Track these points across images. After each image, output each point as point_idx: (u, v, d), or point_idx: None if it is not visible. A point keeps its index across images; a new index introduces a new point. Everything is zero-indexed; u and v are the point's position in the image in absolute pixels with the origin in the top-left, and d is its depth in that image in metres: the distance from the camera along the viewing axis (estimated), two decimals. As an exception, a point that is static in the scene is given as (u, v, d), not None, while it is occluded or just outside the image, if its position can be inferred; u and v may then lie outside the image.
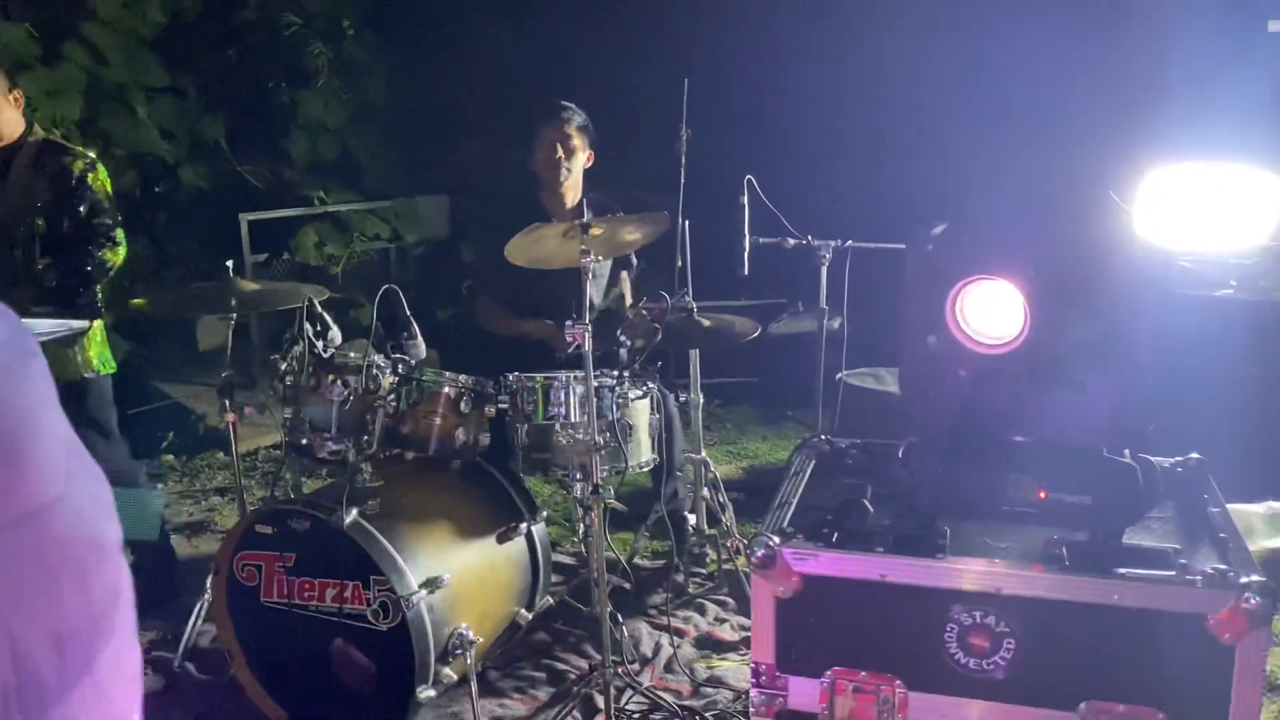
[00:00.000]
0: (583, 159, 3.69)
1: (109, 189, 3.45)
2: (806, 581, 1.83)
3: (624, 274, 3.94)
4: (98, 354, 3.46)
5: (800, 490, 2.13)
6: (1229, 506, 2.08)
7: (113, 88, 6.04)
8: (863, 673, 1.83)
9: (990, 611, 1.76)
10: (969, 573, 1.77)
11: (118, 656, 0.53)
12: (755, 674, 1.88)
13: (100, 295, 3.51)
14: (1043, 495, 1.90)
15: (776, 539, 1.85)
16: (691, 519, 3.77)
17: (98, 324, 3.46)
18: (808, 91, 5.55)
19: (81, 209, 3.36)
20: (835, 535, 1.87)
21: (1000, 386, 1.90)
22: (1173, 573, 1.72)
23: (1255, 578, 1.67)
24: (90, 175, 3.38)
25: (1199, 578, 1.69)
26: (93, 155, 3.45)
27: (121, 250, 3.46)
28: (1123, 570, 1.72)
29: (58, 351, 3.37)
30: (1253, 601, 1.64)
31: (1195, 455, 2.21)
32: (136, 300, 3.36)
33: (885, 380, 4.66)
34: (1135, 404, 1.93)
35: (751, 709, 1.90)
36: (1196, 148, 4.11)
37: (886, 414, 4.47)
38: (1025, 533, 1.89)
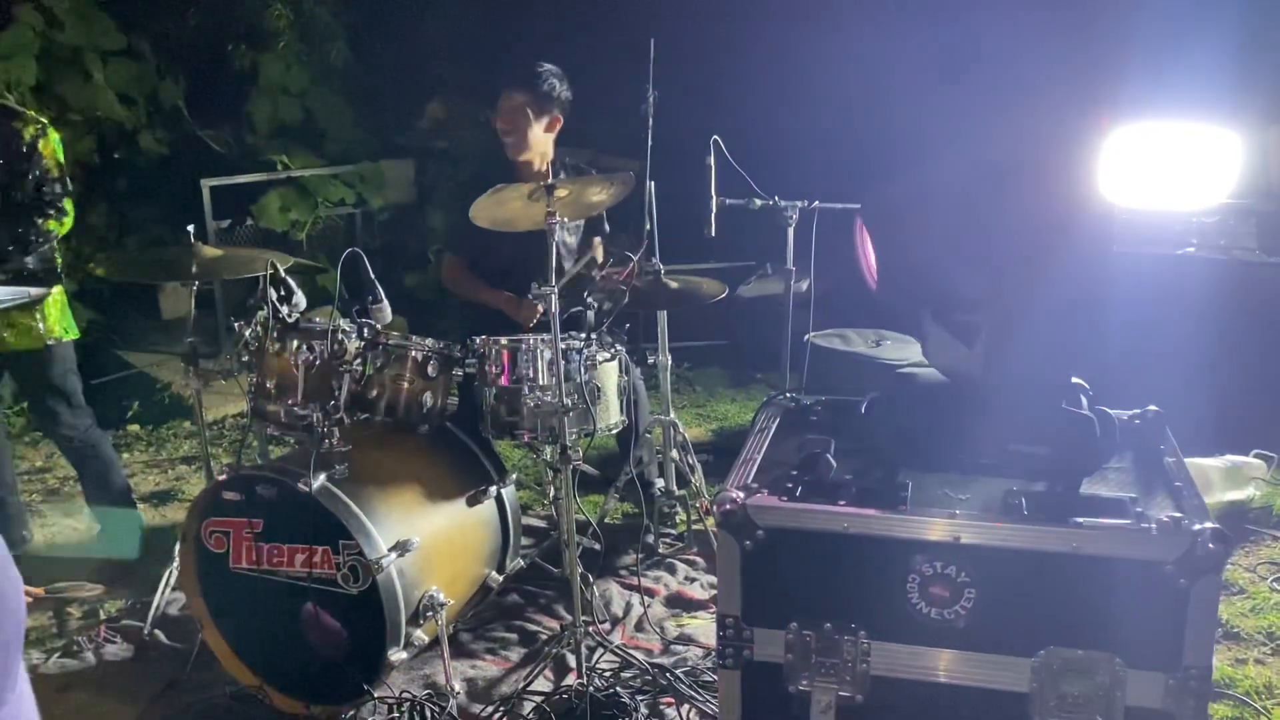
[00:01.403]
0: (539, 128, 3.63)
1: (59, 156, 3.37)
2: (771, 534, 1.85)
3: (596, 240, 3.92)
4: (59, 320, 3.42)
5: (765, 446, 2.14)
6: (1187, 460, 2.12)
7: (67, 51, 5.92)
8: (827, 623, 1.86)
9: (951, 562, 1.79)
10: (930, 524, 1.79)
11: None
12: (721, 626, 1.91)
13: (59, 261, 3.45)
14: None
15: (741, 493, 1.87)
16: (659, 483, 3.79)
17: (58, 290, 3.41)
18: (773, 51, 5.52)
19: (30, 176, 3.28)
20: (799, 489, 1.89)
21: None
22: (1129, 521, 1.76)
23: (1209, 524, 1.70)
24: (41, 141, 3.30)
25: (1154, 525, 1.73)
26: (44, 120, 3.37)
27: (68, 220, 3.39)
28: (1080, 519, 1.75)
29: (19, 319, 3.33)
30: (1206, 547, 1.68)
31: (1153, 407, 2.24)
32: (93, 265, 3.30)
33: (852, 341, 4.69)
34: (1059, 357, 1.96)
35: (718, 660, 1.93)
36: (1159, 107, 4.14)
37: (854, 375, 4.51)
38: (985, 484, 1.92)
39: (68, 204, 3.38)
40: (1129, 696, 1.76)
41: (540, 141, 3.65)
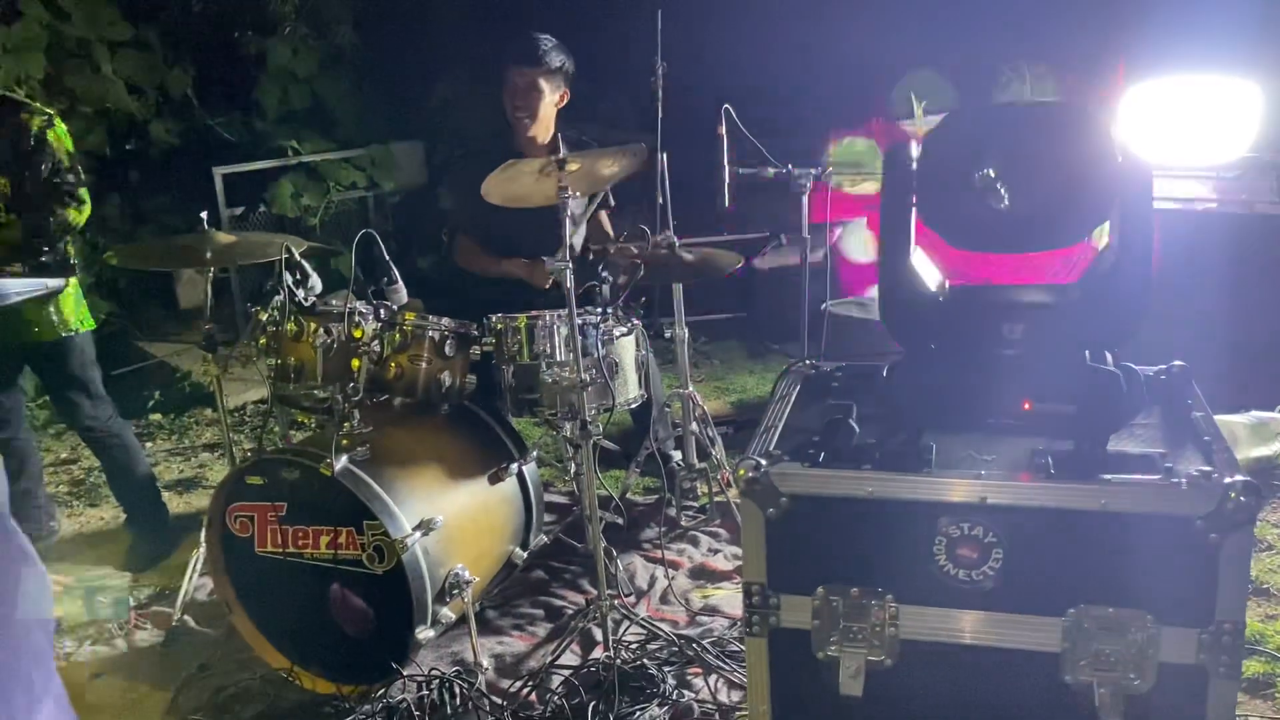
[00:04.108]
0: (551, 101, 3.64)
1: (69, 145, 3.37)
2: (795, 501, 1.84)
3: (603, 213, 3.91)
4: (74, 312, 3.43)
5: (786, 414, 2.12)
6: (1213, 417, 2.08)
7: (75, 43, 5.92)
8: (854, 588, 1.85)
9: (978, 523, 1.77)
10: (956, 485, 1.77)
11: None
12: (747, 594, 1.90)
13: (72, 253, 3.46)
14: (1027, 406, 1.91)
15: (764, 461, 1.86)
16: (676, 455, 3.79)
17: (72, 282, 3.42)
18: (784, 18, 5.47)
19: (44, 168, 3.29)
20: (822, 455, 1.87)
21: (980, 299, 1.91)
22: (1158, 476, 1.73)
23: (1240, 478, 1.68)
24: (49, 132, 3.30)
25: (1184, 480, 1.70)
26: (50, 111, 3.37)
27: (86, 209, 3.40)
28: (1108, 476, 1.73)
29: (35, 312, 3.34)
30: (1238, 500, 1.66)
31: (1178, 362, 2.21)
32: (109, 255, 3.28)
33: (870, 309, 4.65)
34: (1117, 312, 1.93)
35: (745, 628, 1.92)
36: (1178, 61, 4.08)
37: (872, 342, 4.49)
38: (1011, 444, 1.89)
39: (84, 193, 3.38)
40: (1162, 653, 1.74)
41: (549, 116, 3.64)
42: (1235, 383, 3.56)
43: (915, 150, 1.98)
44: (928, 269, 2.04)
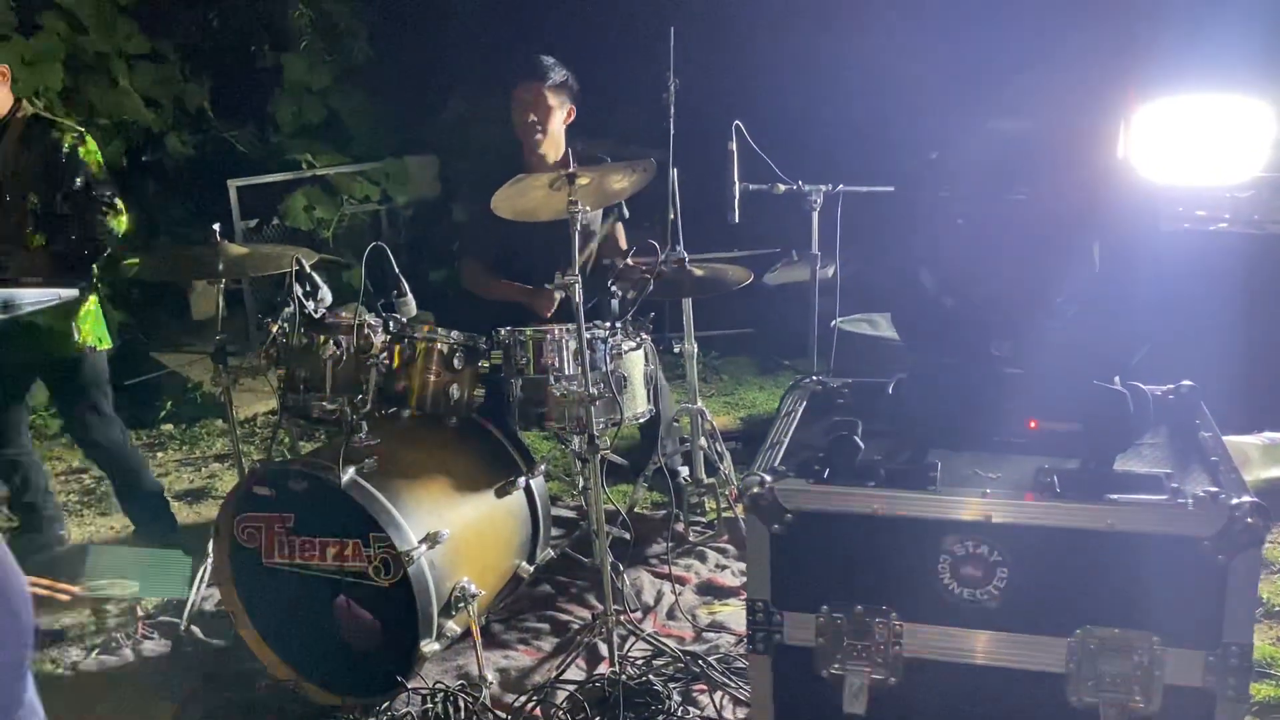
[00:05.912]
0: (560, 118, 3.64)
1: (99, 159, 3.45)
2: (799, 518, 1.84)
3: (618, 226, 3.91)
4: (93, 329, 3.46)
5: (792, 430, 2.13)
6: (1224, 438, 2.08)
7: (93, 56, 6.00)
8: (858, 606, 1.84)
9: (983, 541, 1.77)
10: (961, 504, 1.77)
11: None
12: (751, 611, 1.89)
13: (95, 270, 3.50)
14: (1033, 425, 1.90)
15: (769, 477, 1.86)
16: (684, 470, 3.78)
17: (92, 299, 3.46)
18: (795, 35, 5.48)
19: (78, 182, 3.36)
20: (827, 472, 1.87)
21: (989, 318, 1.91)
22: (1165, 496, 1.73)
23: (1247, 498, 1.67)
24: (81, 148, 3.38)
25: (1191, 500, 1.70)
26: (80, 128, 3.45)
27: (124, 216, 3.47)
28: (1114, 495, 1.73)
29: (55, 326, 3.37)
30: (1244, 522, 1.65)
31: (1187, 382, 2.20)
32: (130, 260, 3.32)
33: (880, 325, 4.65)
34: (1122, 333, 1.93)
35: (749, 645, 1.92)
36: (1188, 80, 4.06)
37: (882, 359, 4.48)
38: (1017, 463, 1.89)
39: (120, 202, 3.45)
40: (1168, 675, 1.73)
41: (559, 134, 3.65)
42: (1247, 404, 3.53)
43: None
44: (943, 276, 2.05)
